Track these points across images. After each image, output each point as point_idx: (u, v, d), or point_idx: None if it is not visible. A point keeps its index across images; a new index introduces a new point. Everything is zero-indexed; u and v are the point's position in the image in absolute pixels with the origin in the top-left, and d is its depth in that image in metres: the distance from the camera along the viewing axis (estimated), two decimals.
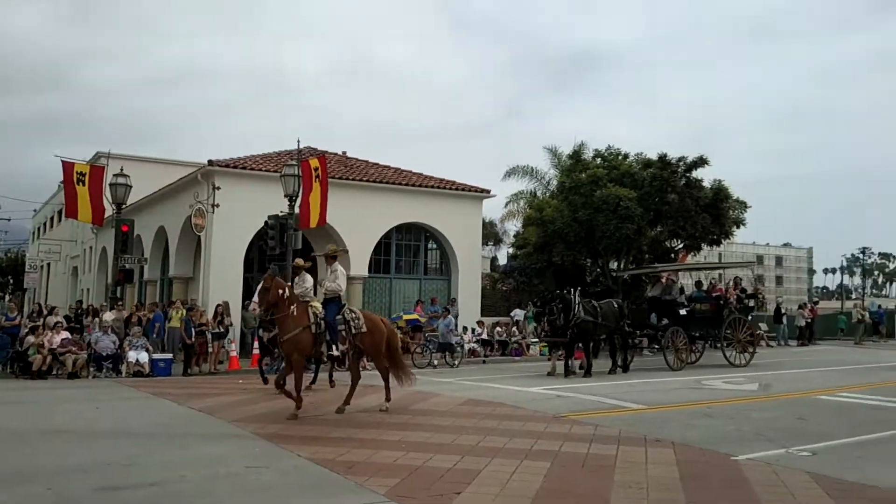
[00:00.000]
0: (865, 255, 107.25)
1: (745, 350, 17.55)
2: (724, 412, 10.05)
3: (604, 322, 15.55)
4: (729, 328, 17.42)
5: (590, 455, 7.19)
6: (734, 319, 17.61)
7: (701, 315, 17.47)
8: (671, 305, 17.20)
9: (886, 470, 6.61)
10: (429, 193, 24.00)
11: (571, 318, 15.04)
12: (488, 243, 41.09)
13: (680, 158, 24.02)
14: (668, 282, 17.96)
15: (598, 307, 15.64)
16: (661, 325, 17.02)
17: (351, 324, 10.14)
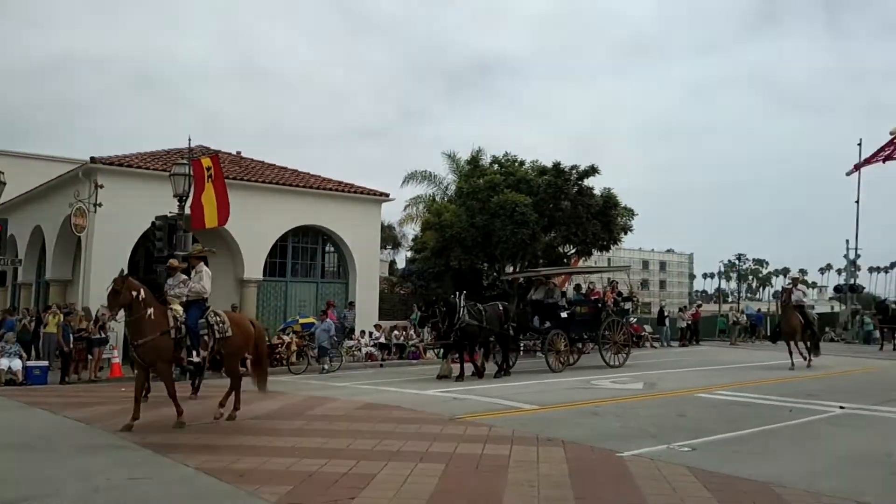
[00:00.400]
0: (741, 261, 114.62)
1: (620, 351, 18.10)
2: (612, 410, 10.44)
3: (488, 325, 15.58)
4: (607, 330, 17.94)
5: (484, 456, 7.29)
6: (612, 321, 18.19)
7: (581, 318, 17.87)
8: (553, 308, 17.46)
9: (758, 463, 7.06)
10: (327, 196, 23.71)
11: (455, 321, 15.01)
12: (387, 247, 41.00)
13: (573, 167, 24.86)
14: (551, 285, 18.25)
15: (482, 310, 15.64)
16: (544, 328, 17.25)
17: (215, 328, 9.61)
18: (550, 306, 17.51)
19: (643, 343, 27.95)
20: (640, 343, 27.89)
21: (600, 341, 17.87)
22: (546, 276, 18.77)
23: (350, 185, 24.55)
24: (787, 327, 17.29)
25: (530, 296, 18.50)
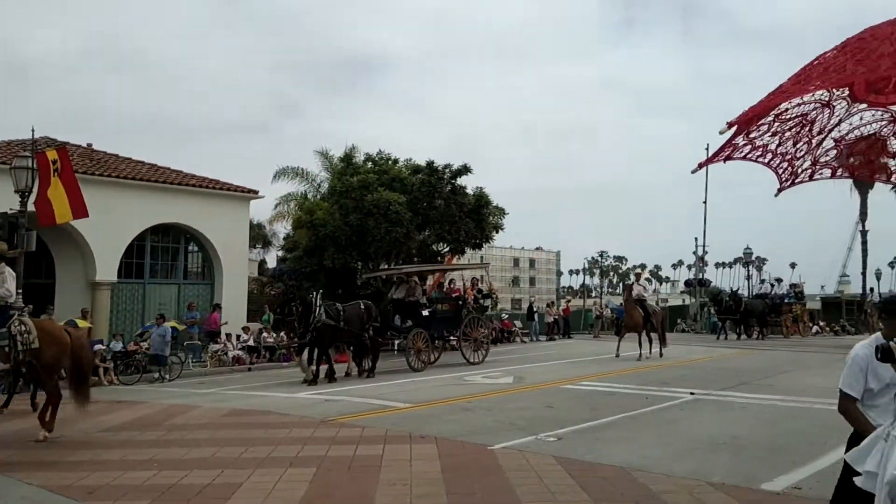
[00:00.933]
0: (603, 258, 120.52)
1: (479, 348, 18.04)
2: (483, 405, 10.63)
3: (346, 325, 15.15)
4: (467, 327, 17.89)
5: (356, 457, 7.20)
6: (472, 318, 18.27)
7: (442, 315, 17.82)
8: (414, 307, 17.30)
9: (619, 449, 7.40)
10: (190, 193, 22.58)
11: (312, 321, 14.55)
12: (256, 246, 39.78)
13: (446, 166, 25.11)
14: (412, 283, 18.06)
15: (341, 310, 15.23)
16: (405, 327, 17.05)
17: (18, 338, 8.40)
18: (412, 305, 17.36)
19: (513, 338, 28.76)
20: (511, 338, 28.69)
21: (461, 338, 17.80)
22: (407, 274, 18.57)
23: (216, 182, 23.53)
24: (630, 321, 18.13)
25: (391, 294, 18.30)
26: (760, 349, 21.60)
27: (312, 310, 14.68)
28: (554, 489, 5.84)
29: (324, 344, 14.96)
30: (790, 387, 12.00)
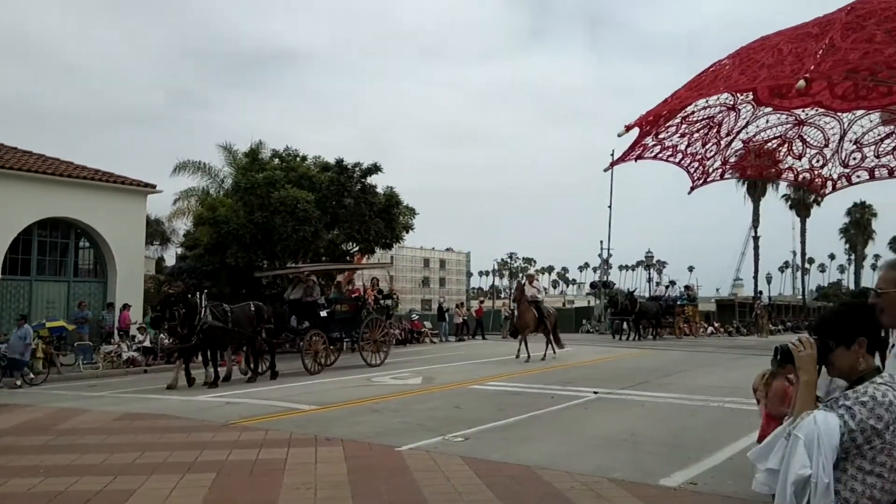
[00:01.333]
0: (512, 259, 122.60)
1: (379, 350, 17.60)
2: (391, 406, 10.54)
3: (235, 327, 14.43)
4: (367, 328, 17.42)
5: (259, 461, 6.97)
6: (372, 320, 17.79)
7: (341, 316, 17.40)
8: (312, 307, 16.76)
9: (524, 448, 7.49)
10: (81, 185, 21.33)
11: (196, 323, 13.80)
12: (154, 243, 38.20)
13: (356, 164, 24.86)
14: (310, 283, 17.45)
15: (228, 311, 14.45)
16: (302, 328, 16.38)
17: None
18: (309, 305, 16.82)
19: (423, 339, 28.79)
20: (421, 339, 28.72)
21: (360, 340, 17.30)
22: (305, 274, 17.90)
23: (109, 174, 22.36)
24: (522, 322, 17.95)
25: (287, 294, 17.66)
26: (659, 349, 22.49)
27: (197, 311, 13.98)
28: (461, 489, 5.83)
29: (214, 346, 14.29)
30: (687, 385, 12.52)
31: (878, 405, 2.13)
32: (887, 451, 2.13)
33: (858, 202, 74.56)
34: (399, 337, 27.62)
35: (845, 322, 2.37)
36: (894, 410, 2.14)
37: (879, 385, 2.20)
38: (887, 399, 2.15)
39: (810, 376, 2.33)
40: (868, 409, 2.14)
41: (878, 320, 2.38)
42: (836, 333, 2.34)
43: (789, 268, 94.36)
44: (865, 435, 2.13)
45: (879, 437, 2.12)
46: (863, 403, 2.15)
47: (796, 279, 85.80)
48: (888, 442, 2.13)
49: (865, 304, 2.45)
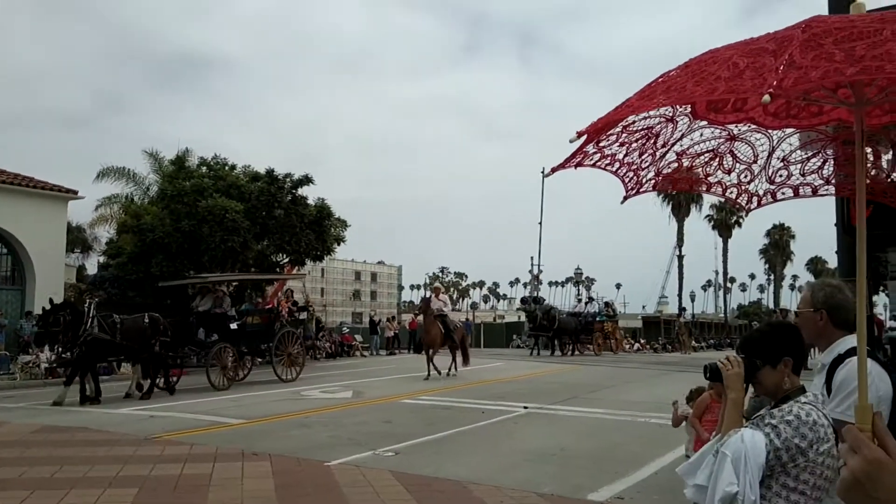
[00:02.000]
0: (444, 273, 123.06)
1: (294, 364, 16.81)
2: (321, 420, 10.40)
3: (124, 340, 13.35)
4: (281, 342, 16.67)
5: (183, 476, 6.77)
6: (286, 333, 17.09)
7: (253, 329, 16.65)
8: (222, 319, 15.94)
9: (454, 462, 7.51)
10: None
11: (81, 333, 12.70)
12: (75, 250, 36.64)
13: (287, 175, 24.55)
14: (220, 294, 16.63)
15: (118, 322, 13.35)
16: (210, 341, 15.45)
17: None
18: (218, 317, 16.01)
19: (353, 352, 28.53)
20: (351, 352, 28.44)
21: (273, 354, 16.46)
22: (214, 284, 17.01)
23: (29, 179, 21.45)
24: (427, 337, 17.18)
25: (195, 305, 16.69)
26: (588, 365, 22.91)
27: (84, 320, 12.81)
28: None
29: (93, 360, 13.10)
30: (615, 401, 12.80)
31: (802, 424, 2.20)
32: (810, 468, 2.19)
33: (778, 224, 78.24)
34: (329, 350, 27.31)
35: (772, 342, 2.44)
36: (818, 429, 2.21)
37: (804, 404, 2.28)
38: (811, 418, 2.22)
39: (737, 394, 2.41)
40: (793, 428, 2.20)
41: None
42: (763, 352, 2.41)
43: (712, 286, 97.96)
44: (790, 453, 2.20)
45: (803, 455, 2.19)
46: (788, 422, 2.22)
47: (718, 297, 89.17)
48: (811, 460, 2.19)
49: (791, 325, 2.56)
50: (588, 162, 2.01)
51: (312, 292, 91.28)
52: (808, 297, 2.90)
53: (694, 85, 1.59)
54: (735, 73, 1.51)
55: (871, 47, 1.36)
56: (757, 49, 1.54)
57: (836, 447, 2.21)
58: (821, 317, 2.78)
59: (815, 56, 1.40)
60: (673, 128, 2.08)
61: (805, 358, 2.46)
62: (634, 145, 2.08)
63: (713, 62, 1.62)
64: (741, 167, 2.24)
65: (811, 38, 1.46)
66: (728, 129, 2.13)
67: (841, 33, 1.44)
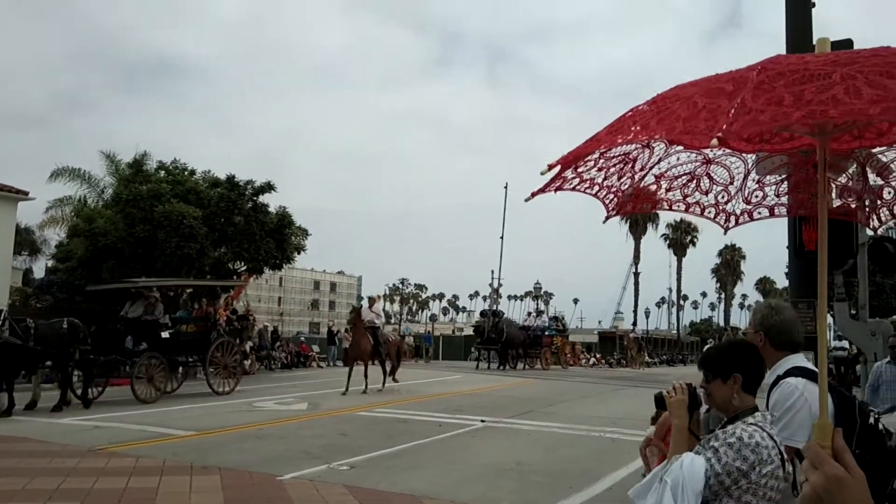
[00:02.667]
0: (404, 285, 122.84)
1: (230, 376, 15.99)
2: (275, 433, 10.19)
3: (38, 346, 12.38)
4: (217, 352, 15.77)
5: (128, 489, 6.54)
6: (223, 342, 16.14)
7: (186, 338, 15.53)
8: (153, 327, 14.87)
9: (411, 476, 7.41)
10: None
11: None
12: (22, 253, 35.59)
13: (248, 182, 24.20)
14: (152, 300, 15.43)
15: (32, 328, 12.43)
16: (139, 350, 14.44)
17: None
18: (149, 325, 14.91)
19: (310, 363, 28.19)
20: (308, 363, 28.09)
21: (207, 365, 15.55)
22: (146, 289, 15.81)
23: None
24: (356, 349, 16.33)
25: (125, 312, 15.49)
26: (545, 379, 23.00)
27: None
28: None
29: (9, 367, 12.13)
30: (570, 415, 12.84)
31: (744, 446, 2.21)
32: (752, 490, 2.19)
33: (729, 245, 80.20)
34: (285, 360, 26.93)
35: (725, 357, 2.48)
36: (760, 451, 2.21)
37: (750, 425, 2.28)
38: (753, 440, 2.22)
39: (681, 421, 2.45)
40: (734, 451, 2.20)
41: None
42: (716, 366, 2.45)
43: (665, 303, 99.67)
44: (732, 477, 2.19)
45: (745, 477, 2.19)
46: (729, 445, 2.22)
47: (672, 314, 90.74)
48: (753, 482, 2.19)
49: (750, 344, 2.58)
50: (568, 186, 2.07)
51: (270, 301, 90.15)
52: (752, 319, 3.01)
53: (657, 123, 1.62)
54: (692, 112, 1.54)
55: (819, 91, 1.40)
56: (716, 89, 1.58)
57: (781, 468, 2.22)
58: (760, 338, 2.83)
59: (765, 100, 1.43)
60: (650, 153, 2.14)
61: (760, 378, 2.47)
62: (613, 170, 2.15)
63: (676, 99, 1.66)
64: (718, 188, 2.31)
65: (765, 81, 1.49)
66: (703, 153, 2.19)
67: (794, 76, 1.47)
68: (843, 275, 7.75)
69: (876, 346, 7.15)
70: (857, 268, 7.48)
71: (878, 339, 7.21)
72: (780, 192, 2.31)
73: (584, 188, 2.12)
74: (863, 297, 7.65)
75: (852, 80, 1.40)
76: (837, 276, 7.73)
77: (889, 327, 7.58)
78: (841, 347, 26.27)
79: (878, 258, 7.84)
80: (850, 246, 6.23)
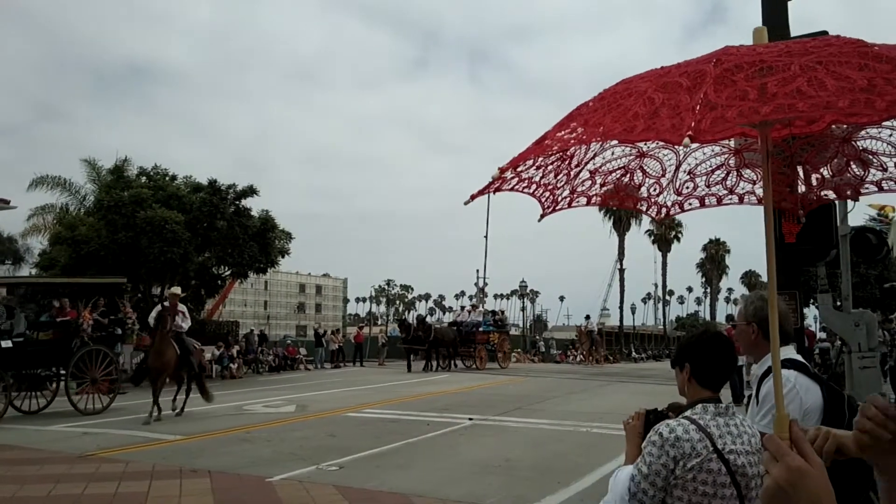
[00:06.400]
0: (390, 286, 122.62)
1: (106, 390, 13.52)
2: (263, 435, 10.22)
3: None
4: (82, 363, 13.19)
5: (118, 494, 6.56)
6: (89, 352, 13.37)
7: (37, 348, 13.06)
8: None
9: (399, 475, 7.48)
10: None
11: None
12: (5, 261, 35.27)
13: (230, 186, 24.17)
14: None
15: None
16: None
17: None
18: None
19: (297, 365, 28.15)
20: (295, 365, 28.06)
21: (68, 379, 13.10)
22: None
23: None
24: (160, 360, 12.34)
25: None
26: (533, 376, 23.11)
27: None
28: None
29: None
30: (558, 411, 12.95)
31: (665, 443, 2.19)
32: (681, 485, 2.17)
33: (714, 239, 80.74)
34: (272, 363, 26.89)
35: (680, 347, 2.55)
36: (682, 445, 2.18)
37: (682, 419, 2.27)
38: (673, 435, 2.19)
39: (631, 446, 2.50)
40: (657, 448, 2.20)
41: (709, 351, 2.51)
42: (675, 356, 2.52)
43: (651, 299, 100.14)
44: (662, 475, 2.19)
45: (672, 473, 2.18)
46: (653, 443, 2.23)
47: (658, 310, 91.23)
48: (679, 477, 2.17)
49: (708, 333, 2.58)
50: (506, 186, 2.03)
51: (256, 305, 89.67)
52: (742, 311, 2.97)
53: (612, 121, 1.55)
54: (651, 109, 1.48)
55: (782, 83, 1.36)
56: (671, 83, 1.52)
57: (713, 461, 2.17)
58: (752, 330, 2.84)
59: (728, 94, 1.38)
60: (586, 148, 2.12)
61: (714, 369, 2.40)
62: (550, 167, 2.12)
63: (628, 95, 1.58)
64: (650, 181, 2.30)
65: (723, 74, 1.44)
66: (638, 146, 2.19)
67: (752, 68, 1.43)
68: (826, 266, 7.84)
69: (860, 337, 7.26)
70: (840, 259, 7.59)
71: (861, 330, 7.32)
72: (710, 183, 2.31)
73: (521, 188, 2.08)
74: (846, 287, 7.77)
75: (813, 72, 1.37)
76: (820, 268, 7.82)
77: (872, 317, 7.69)
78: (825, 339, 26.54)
79: (861, 249, 7.94)
80: (831, 237, 6.32)
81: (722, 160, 2.26)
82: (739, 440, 2.23)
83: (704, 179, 2.29)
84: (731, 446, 2.20)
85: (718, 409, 2.29)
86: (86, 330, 13.69)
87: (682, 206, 2.34)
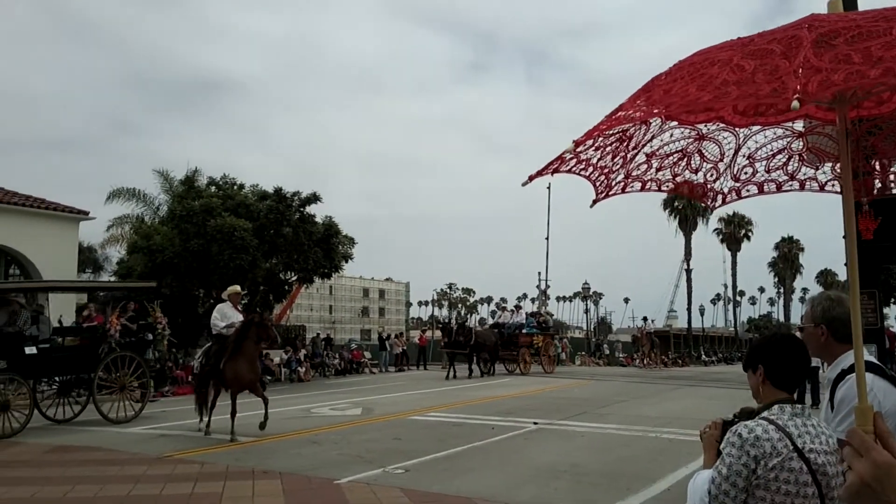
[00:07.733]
0: (452, 290, 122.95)
1: (130, 399, 13.11)
2: (330, 438, 10.40)
3: None
4: (109, 370, 12.90)
5: (194, 495, 6.79)
6: (116, 358, 13.03)
7: (63, 354, 12.72)
8: (14, 340, 11.99)
9: (465, 479, 7.50)
10: (10, 212, 20.55)
11: None
12: (86, 270, 36.92)
13: (294, 193, 24.69)
14: (15, 307, 12.66)
15: None
16: None
17: None
18: (10, 337, 12.03)
19: (362, 369, 28.52)
20: (360, 369, 28.42)
21: (94, 386, 12.61)
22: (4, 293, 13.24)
23: (41, 201, 21.64)
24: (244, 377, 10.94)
25: None
26: (599, 379, 22.79)
27: None
28: None
29: None
30: (625, 416, 12.74)
31: (744, 443, 2.18)
32: (763, 485, 2.16)
33: (786, 237, 77.97)
34: (338, 367, 27.32)
35: (753, 349, 2.50)
36: (762, 445, 2.16)
37: (760, 420, 2.25)
38: (753, 435, 2.18)
39: (707, 455, 2.44)
40: (737, 449, 2.18)
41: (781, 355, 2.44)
42: (747, 358, 2.48)
43: (721, 300, 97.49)
44: (743, 475, 2.17)
45: (754, 473, 2.16)
46: (732, 444, 2.21)
47: (728, 311, 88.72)
48: (761, 477, 2.16)
49: (782, 335, 2.51)
50: (564, 168, 1.96)
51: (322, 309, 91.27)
52: (809, 312, 2.86)
53: (697, 90, 1.48)
54: (743, 77, 1.41)
55: (886, 48, 1.30)
56: (760, 50, 1.46)
57: (794, 460, 2.15)
58: (821, 331, 2.74)
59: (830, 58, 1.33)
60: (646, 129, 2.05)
61: (789, 371, 2.35)
62: (609, 149, 2.05)
63: (710, 64, 1.52)
64: (708, 166, 2.21)
65: (821, 39, 1.39)
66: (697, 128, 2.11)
67: (849, 33, 1.38)
68: None
69: None
70: None
71: None
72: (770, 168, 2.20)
73: (578, 169, 2.01)
74: None
75: None
76: None
77: None
78: None
79: None
80: None
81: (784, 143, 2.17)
82: (818, 440, 2.21)
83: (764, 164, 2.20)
84: (810, 445, 2.18)
85: (795, 409, 2.27)
86: (113, 336, 13.37)
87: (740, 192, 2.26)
